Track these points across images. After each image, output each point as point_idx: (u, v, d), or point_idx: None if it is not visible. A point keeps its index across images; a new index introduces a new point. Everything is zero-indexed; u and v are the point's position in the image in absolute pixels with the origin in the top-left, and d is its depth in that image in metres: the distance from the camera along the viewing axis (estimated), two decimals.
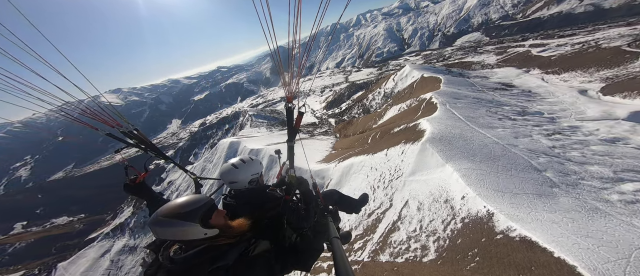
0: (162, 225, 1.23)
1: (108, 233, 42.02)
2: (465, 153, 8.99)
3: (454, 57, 71.60)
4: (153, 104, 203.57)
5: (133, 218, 41.17)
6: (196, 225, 1.25)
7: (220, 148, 33.54)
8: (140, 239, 38.07)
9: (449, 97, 17.09)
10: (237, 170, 1.97)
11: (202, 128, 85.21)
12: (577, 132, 12.65)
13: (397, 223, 9.04)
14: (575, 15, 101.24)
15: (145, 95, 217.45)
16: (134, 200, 54.15)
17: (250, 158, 2.11)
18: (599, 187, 7.86)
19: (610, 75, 21.33)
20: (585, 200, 7.14)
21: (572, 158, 9.59)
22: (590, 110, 15.88)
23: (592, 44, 33.17)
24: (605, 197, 7.37)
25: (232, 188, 2.03)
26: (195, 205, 1.28)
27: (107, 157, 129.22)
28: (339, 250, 1.48)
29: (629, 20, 59.22)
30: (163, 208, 1.28)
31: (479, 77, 31.07)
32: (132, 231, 39.69)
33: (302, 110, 2.15)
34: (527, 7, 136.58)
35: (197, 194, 1.51)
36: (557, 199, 7.14)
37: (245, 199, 1.95)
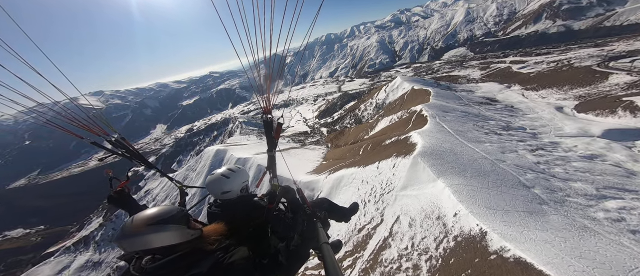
0: (138, 235, 1.22)
1: (69, 247, 37.78)
2: (456, 168, 8.96)
3: (442, 71, 75.03)
4: (137, 108, 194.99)
5: (100, 230, 37.40)
6: (182, 226, 1.30)
7: (205, 156, 31.86)
8: (107, 254, 34.41)
9: (439, 110, 17.49)
10: (229, 180, 1.96)
11: (189, 135, 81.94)
12: (558, 148, 13.20)
13: (388, 240, 8.73)
14: (549, 35, 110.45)
15: (129, 99, 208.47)
16: (104, 210, 50.17)
17: (238, 167, 2.11)
18: (584, 204, 8.05)
19: (582, 93, 22.86)
20: (573, 218, 7.24)
21: (557, 174, 9.86)
22: (567, 126, 16.77)
23: (565, 63, 35.89)
24: (592, 214, 7.54)
25: (221, 198, 2.00)
26: (173, 212, 1.33)
27: (78, 164, 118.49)
28: (329, 255, 1.42)
29: (596, 41, 65.30)
30: (136, 218, 1.27)
31: (465, 90, 32.42)
32: (98, 245, 35.81)
33: (280, 121, 2.20)
34: (507, 25, 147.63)
35: (165, 205, 1.48)
36: (547, 217, 7.17)
37: (231, 208, 1.93)
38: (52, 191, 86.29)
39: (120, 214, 36.84)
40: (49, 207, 75.88)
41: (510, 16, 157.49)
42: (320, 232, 1.73)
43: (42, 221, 69.92)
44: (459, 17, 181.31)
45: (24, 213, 75.41)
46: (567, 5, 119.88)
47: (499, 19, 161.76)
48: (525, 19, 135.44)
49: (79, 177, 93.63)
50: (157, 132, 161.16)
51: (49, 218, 70.14)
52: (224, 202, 1.97)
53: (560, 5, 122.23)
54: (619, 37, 63.05)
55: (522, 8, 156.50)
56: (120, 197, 2.01)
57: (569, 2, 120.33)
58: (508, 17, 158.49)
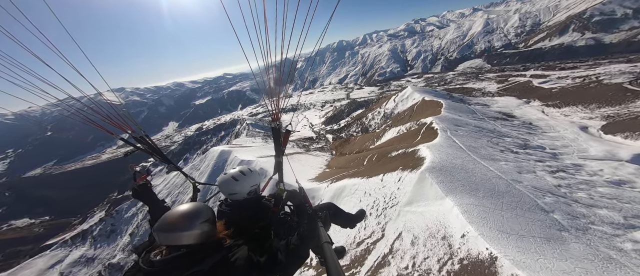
0: (181, 230, 1.31)
1: (67, 241, 37.39)
2: (467, 187, 8.42)
3: (456, 82, 73.12)
4: (153, 105, 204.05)
5: (100, 225, 36.98)
6: (212, 224, 1.43)
7: (209, 156, 32.15)
8: (102, 250, 33.77)
9: (450, 124, 16.82)
10: (237, 183, 2.04)
11: (197, 133, 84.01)
12: (581, 171, 12.19)
13: (388, 257, 8.25)
14: (576, 48, 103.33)
15: (147, 96, 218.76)
16: (108, 204, 51.70)
17: (249, 170, 2.16)
18: (610, 233, 7.27)
19: (611, 113, 21.33)
20: (597, 247, 6.53)
21: (580, 199, 9.02)
22: (592, 148, 15.56)
23: (593, 79, 33.71)
24: (618, 245, 6.78)
25: (230, 199, 2.08)
26: (209, 210, 1.45)
27: (92, 156, 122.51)
28: (330, 255, 1.39)
29: (629, 56, 60.38)
30: (180, 214, 1.36)
31: (479, 104, 31.26)
32: (95, 240, 35.36)
33: (289, 128, 2.30)
34: (529, 37, 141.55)
35: (197, 203, 1.53)
36: (567, 245, 6.50)
37: (239, 209, 2.00)
38: (63, 182, 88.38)
39: (121, 209, 37.24)
40: (57, 198, 77.38)
41: (534, 28, 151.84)
42: (321, 232, 1.71)
43: (48, 212, 71.65)
44: (477, 28, 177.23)
45: (33, 202, 77.02)
46: (598, 17, 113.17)
47: (520, 31, 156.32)
48: (550, 31, 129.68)
49: (91, 169, 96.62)
50: (169, 129, 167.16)
51: (56, 209, 71.54)
52: (233, 202, 2.05)
53: (591, 17, 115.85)
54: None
55: (547, 19, 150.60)
56: (143, 191, 2.15)
57: (601, 14, 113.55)
58: (531, 29, 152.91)
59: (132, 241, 31.32)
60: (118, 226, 35.40)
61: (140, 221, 32.84)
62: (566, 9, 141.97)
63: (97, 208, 59.73)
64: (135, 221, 33.91)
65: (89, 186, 78.38)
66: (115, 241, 34.21)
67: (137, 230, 32.24)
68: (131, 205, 36.84)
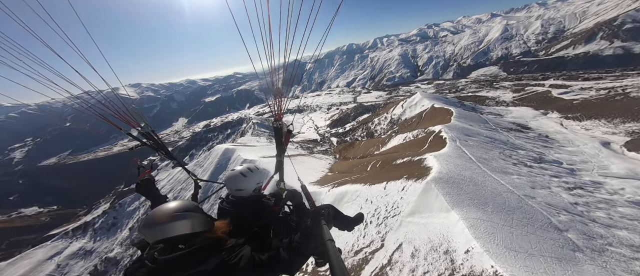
0: (162, 224, 1.33)
1: (68, 233, 37.61)
2: (475, 200, 8.06)
3: (468, 90, 71.04)
4: (165, 101, 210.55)
5: (102, 217, 37.08)
6: (200, 215, 1.45)
7: (213, 153, 32.22)
8: (101, 243, 33.84)
9: (460, 133, 16.28)
10: (245, 179, 2.06)
11: (205, 130, 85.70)
12: (601, 189, 11.44)
13: (386, 269, 7.99)
14: (602, 58, 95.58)
15: (160, 92, 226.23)
16: (114, 196, 52.71)
17: (257, 167, 2.20)
18: (629, 256, 6.75)
19: (636, 129, 20.00)
20: (613, 271, 6.09)
21: (598, 219, 8.44)
22: (614, 165, 14.60)
23: (619, 91, 31.66)
24: (637, 269, 6.28)
25: (234, 195, 2.11)
26: (192, 205, 1.47)
27: (105, 148, 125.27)
28: (334, 252, 1.36)
29: None
30: (159, 209, 1.39)
31: (492, 114, 30.18)
32: (95, 233, 35.43)
33: (290, 128, 2.34)
34: (551, 44, 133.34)
35: (183, 200, 1.58)
36: (580, 266, 6.09)
37: (241, 206, 2.01)
38: (74, 172, 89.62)
39: (124, 203, 37.56)
40: (67, 187, 78.30)
41: (557, 35, 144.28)
42: (325, 230, 1.66)
43: (58, 201, 72.56)
44: (495, 34, 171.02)
45: (44, 191, 78.20)
46: (630, 25, 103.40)
47: (542, 37, 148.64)
48: (575, 39, 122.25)
49: (102, 160, 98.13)
50: (179, 125, 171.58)
51: (65, 198, 72.15)
52: (236, 199, 2.07)
53: (622, 24, 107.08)
54: None
55: (572, 26, 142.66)
56: (146, 186, 2.18)
57: (633, 21, 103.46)
58: (554, 36, 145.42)
59: (131, 235, 31.39)
60: (120, 219, 35.56)
61: (141, 215, 32.94)
62: (595, 15, 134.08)
63: (103, 199, 60.35)
64: (136, 215, 34.18)
65: (99, 177, 79.13)
66: (115, 234, 34.28)
67: (138, 224, 32.64)
68: (134, 199, 37.20)
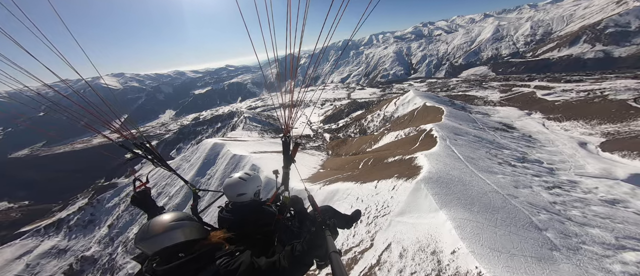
0: (157, 236, 1.36)
1: (39, 230, 34.70)
2: (462, 200, 8.27)
3: (458, 89, 72.71)
4: (151, 92, 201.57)
5: (78, 214, 34.19)
6: (195, 224, 1.47)
7: (201, 148, 30.81)
8: (76, 241, 31.28)
9: (450, 132, 16.64)
10: (245, 183, 2.11)
11: (193, 123, 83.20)
12: (577, 188, 12.11)
13: (375, 269, 8.10)
14: (584, 61, 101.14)
15: (146, 83, 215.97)
16: (93, 191, 49.65)
17: (254, 172, 2.28)
18: (600, 253, 7.19)
19: (611, 130, 21.23)
20: (586, 269, 6.47)
21: (573, 217, 8.93)
22: (589, 165, 15.48)
23: (598, 94, 33.38)
24: (608, 266, 6.73)
25: (233, 202, 2.12)
26: (185, 215, 1.51)
27: (84, 140, 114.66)
28: (338, 265, 1.35)
29: (636, 72, 58.64)
30: (154, 222, 1.41)
31: (480, 113, 31.08)
32: (70, 230, 32.73)
33: (298, 141, 2.37)
34: (539, 46, 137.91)
35: (178, 211, 1.60)
36: (557, 265, 6.42)
37: (241, 214, 2.01)
38: (48, 165, 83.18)
39: (103, 198, 35.20)
40: (40, 181, 72.67)
41: (544, 37, 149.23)
42: (329, 241, 1.65)
43: (30, 196, 67.34)
44: (487, 34, 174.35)
45: (15, 185, 72.56)
46: (612, 29, 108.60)
47: (530, 39, 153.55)
48: (561, 41, 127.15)
49: (80, 153, 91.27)
50: (165, 117, 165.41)
51: (38, 193, 67.10)
52: (236, 205, 2.07)
53: (605, 28, 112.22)
54: None
55: (559, 29, 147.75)
56: (142, 198, 2.16)
57: (616, 25, 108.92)
58: (541, 38, 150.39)
59: (110, 233, 29.25)
60: (97, 216, 33.31)
61: (121, 213, 30.86)
62: (581, 19, 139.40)
63: (81, 194, 55.89)
64: (116, 212, 31.85)
65: (76, 170, 73.84)
66: (92, 232, 32.03)
67: (117, 222, 30.07)
68: (114, 195, 34.99)
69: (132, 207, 29.64)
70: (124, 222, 29.43)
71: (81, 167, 77.39)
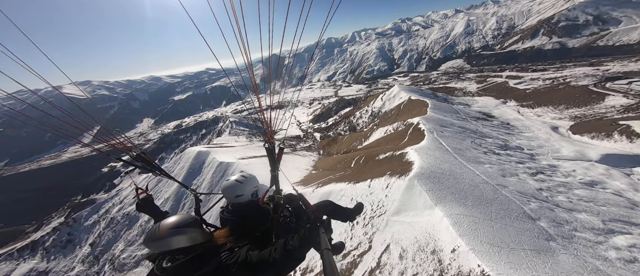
0: (162, 238, 1.47)
1: (12, 254, 32.62)
2: (456, 195, 8.08)
3: (439, 82, 75.53)
4: (124, 100, 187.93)
5: (53, 235, 32.29)
6: (197, 230, 1.56)
7: (185, 157, 29.67)
8: (57, 262, 29.51)
9: (436, 124, 16.79)
10: (241, 185, 2.18)
11: (175, 131, 78.61)
12: (557, 172, 12.61)
13: (376, 273, 7.73)
14: (545, 52, 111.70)
15: (117, 90, 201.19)
16: (69, 209, 46.40)
17: (250, 174, 2.34)
18: (593, 240, 7.32)
19: (578, 113, 22.75)
20: (584, 258, 6.47)
21: (560, 203, 9.14)
22: (564, 148, 16.35)
23: (561, 81, 36.09)
24: (603, 253, 6.81)
25: (232, 203, 2.21)
26: (190, 219, 1.58)
27: (51, 155, 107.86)
28: (329, 263, 1.40)
29: (590, 60, 66.17)
30: (161, 225, 1.52)
31: (461, 104, 32.17)
32: (47, 252, 30.77)
33: (282, 146, 2.49)
34: (505, 39, 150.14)
35: (183, 214, 1.68)
36: (556, 257, 6.37)
37: (242, 214, 2.12)
38: (14, 185, 78.59)
39: (80, 217, 33.24)
40: (7, 202, 68.06)
41: (509, 31, 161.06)
42: (322, 238, 1.65)
43: None
44: (459, 29, 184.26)
45: None
46: (564, 23, 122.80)
47: (497, 33, 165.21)
48: (523, 34, 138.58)
49: (49, 170, 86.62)
50: (144, 126, 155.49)
51: (6, 215, 62.69)
52: (235, 206, 2.17)
53: (557, 22, 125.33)
54: (612, 57, 64.49)
55: (521, 23, 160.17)
56: (146, 204, 2.30)
57: (566, 19, 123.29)
58: (506, 31, 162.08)
59: (93, 252, 27.73)
60: (76, 235, 31.37)
61: (103, 230, 29.26)
62: (537, 13, 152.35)
63: (56, 213, 53.30)
64: (97, 230, 30.17)
65: (46, 189, 69.75)
66: (73, 252, 30.24)
67: (100, 240, 28.66)
68: (92, 212, 33.03)
69: (114, 224, 28.86)
70: (108, 239, 28.20)
71: (52, 184, 71.83)
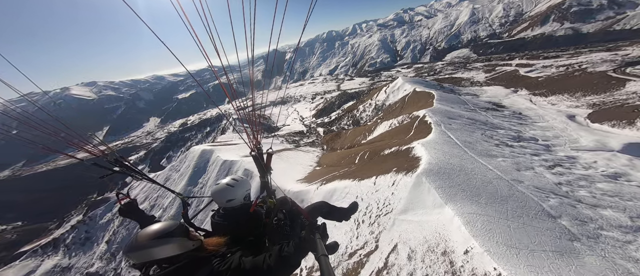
0: (143, 248, 1.37)
1: (36, 251, 34.75)
2: (467, 192, 7.51)
3: (445, 72, 73.22)
4: (130, 100, 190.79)
5: (72, 232, 34.25)
6: (183, 238, 1.45)
7: (190, 156, 29.69)
8: (77, 258, 31.34)
9: (443, 116, 16.01)
10: (232, 189, 2.12)
11: (181, 130, 79.49)
12: (577, 164, 11.80)
13: (383, 273, 7.34)
14: (556, 38, 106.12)
15: (123, 90, 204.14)
16: (86, 207, 48.43)
17: (241, 177, 2.27)
18: (622, 239, 6.69)
19: (597, 101, 21.47)
20: (613, 260, 5.87)
21: (583, 198, 8.46)
22: (583, 138, 15.38)
23: (576, 68, 34.21)
24: (633, 254, 6.18)
25: (223, 207, 2.14)
26: (173, 226, 1.48)
27: (66, 155, 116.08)
28: (326, 268, 1.39)
29: (608, 45, 62.16)
30: (141, 234, 1.42)
31: (469, 94, 30.95)
32: (68, 249, 32.67)
33: (270, 151, 2.49)
34: (513, 26, 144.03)
35: (167, 220, 1.61)
36: (582, 259, 5.79)
37: (233, 218, 2.06)
38: (33, 185, 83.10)
39: (95, 215, 34.52)
40: (27, 201, 72.29)
41: (517, 18, 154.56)
42: (319, 244, 1.59)
43: (20, 217, 66.49)
44: (464, 18, 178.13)
45: (3, 207, 71.89)
46: (576, 8, 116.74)
47: (505, 21, 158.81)
48: (532, 21, 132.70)
49: (65, 170, 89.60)
50: (150, 125, 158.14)
51: (28, 214, 66.60)
52: (227, 210, 2.12)
53: (569, 8, 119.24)
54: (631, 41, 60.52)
55: (529, 10, 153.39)
56: (129, 209, 2.23)
57: (578, 4, 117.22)
58: (514, 19, 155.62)
59: (110, 249, 29.12)
60: (93, 233, 32.84)
61: (117, 228, 30.50)
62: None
63: (74, 211, 56.06)
64: (111, 228, 31.58)
65: (65, 188, 73.23)
66: (92, 249, 31.81)
67: (114, 237, 29.97)
68: (106, 210, 34.27)
69: (126, 222, 29.72)
70: (122, 237, 29.01)
71: (69, 183, 75.42)
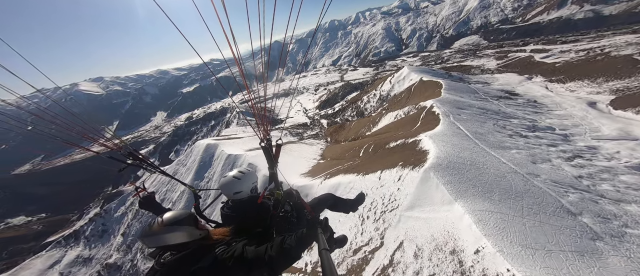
0: (156, 234, 1.51)
1: (60, 242, 36.88)
2: (479, 188, 7.06)
3: (453, 60, 70.20)
4: (137, 95, 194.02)
5: (90, 225, 36.10)
6: (191, 227, 1.58)
7: (195, 150, 30.21)
8: (97, 250, 33.10)
9: (452, 106, 15.24)
10: (239, 181, 2.20)
11: (186, 124, 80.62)
12: (598, 155, 11.04)
13: (388, 270, 7.14)
14: (575, 22, 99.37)
15: (129, 85, 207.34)
16: (103, 199, 50.61)
17: (248, 169, 2.34)
18: None
19: (620, 86, 20.01)
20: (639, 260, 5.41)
21: (605, 193, 7.86)
22: (604, 127, 14.39)
23: (598, 52, 31.88)
24: None
25: (232, 199, 2.22)
26: (183, 215, 1.61)
27: (83, 149, 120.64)
28: (328, 263, 1.40)
29: (633, 27, 57.48)
30: (156, 221, 1.55)
31: (480, 82, 29.56)
32: (88, 241, 34.56)
33: (279, 142, 2.47)
34: (527, 11, 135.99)
35: (179, 210, 1.68)
36: (605, 260, 5.35)
37: (242, 210, 2.15)
38: (53, 178, 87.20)
39: (110, 209, 35.98)
40: (49, 194, 76.16)
41: (531, 2, 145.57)
42: (320, 238, 1.60)
43: (43, 209, 70.17)
44: (473, 3, 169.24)
45: (25, 200, 75.63)
46: None
47: (518, 5, 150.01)
48: (548, 5, 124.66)
49: (82, 163, 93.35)
50: (158, 119, 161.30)
51: (50, 206, 70.15)
52: (235, 202, 2.20)
53: None
54: None
55: None
56: (147, 202, 2.38)
57: None
58: (529, 3, 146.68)
59: (125, 241, 30.50)
60: (109, 225, 34.47)
61: (131, 221, 31.88)
62: None
63: (92, 203, 58.99)
64: (126, 221, 33.03)
65: (83, 181, 76.54)
66: (109, 241, 33.50)
67: (129, 230, 31.31)
68: (119, 204, 35.63)
69: (139, 215, 31.17)
70: (136, 230, 30.34)
71: (86, 177, 79.66)
